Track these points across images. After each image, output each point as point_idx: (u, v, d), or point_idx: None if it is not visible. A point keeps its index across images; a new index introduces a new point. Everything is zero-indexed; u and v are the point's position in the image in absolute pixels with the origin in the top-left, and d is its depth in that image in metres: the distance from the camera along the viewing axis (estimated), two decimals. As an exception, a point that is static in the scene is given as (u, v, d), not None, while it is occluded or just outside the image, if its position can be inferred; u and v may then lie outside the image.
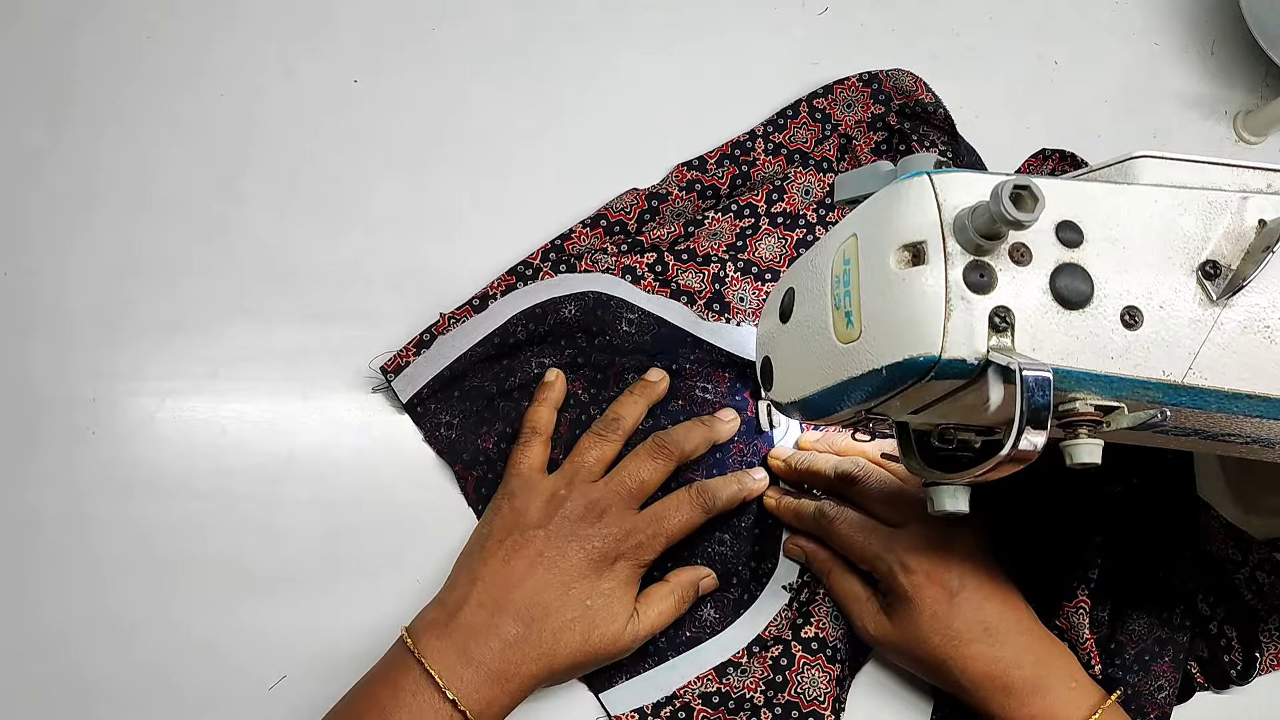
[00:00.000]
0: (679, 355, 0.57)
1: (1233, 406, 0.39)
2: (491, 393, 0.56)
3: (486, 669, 0.47)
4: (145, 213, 0.59)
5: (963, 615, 0.50)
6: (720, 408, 0.57)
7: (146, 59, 0.61)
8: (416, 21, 0.64)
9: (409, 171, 0.61)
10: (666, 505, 0.53)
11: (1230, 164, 0.41)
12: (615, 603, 0.50)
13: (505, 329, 0.56)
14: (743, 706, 0.54)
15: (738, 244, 0.60)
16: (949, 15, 0.68)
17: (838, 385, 0.41)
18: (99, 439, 0.55)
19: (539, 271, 0.57)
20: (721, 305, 0.59)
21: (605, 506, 0.51)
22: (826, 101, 0.62)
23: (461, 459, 0.56)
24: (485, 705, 0.47)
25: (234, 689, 0.52)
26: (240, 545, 0.54)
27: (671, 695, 0.54)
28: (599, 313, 0.57)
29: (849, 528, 0.53)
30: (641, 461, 0.53)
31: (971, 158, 0.63)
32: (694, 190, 0.60)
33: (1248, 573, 0.58)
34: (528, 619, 0.48)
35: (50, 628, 0.53)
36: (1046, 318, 0.37)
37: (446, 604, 0.49)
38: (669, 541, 0.52)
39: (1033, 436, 0.35)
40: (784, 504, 0.56)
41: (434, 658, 0.47)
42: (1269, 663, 0.58)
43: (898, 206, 0.38)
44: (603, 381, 0.57)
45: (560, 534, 0.50)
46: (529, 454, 0.54)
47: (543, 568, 0.49)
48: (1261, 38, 0.65)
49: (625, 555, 0.51)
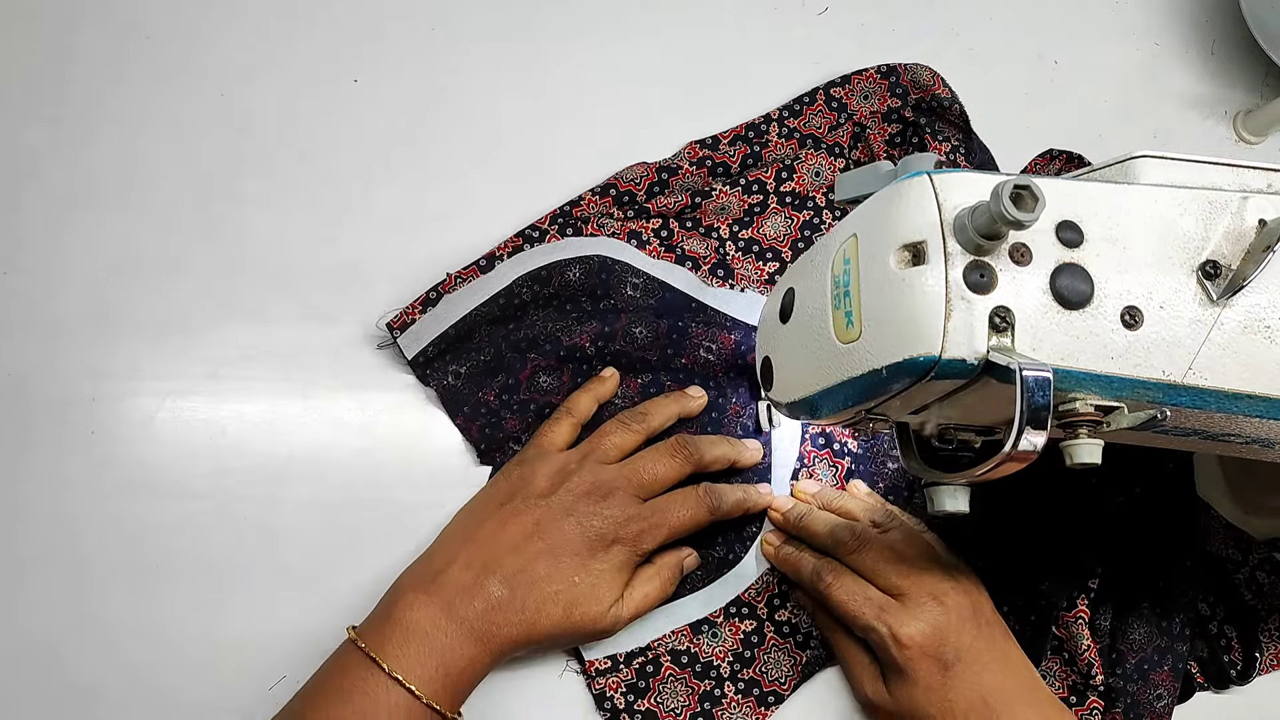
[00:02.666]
0: (683, 318, 0.58)
1: (1233, 406, 0.39)
2: (498, 343, 0.57)
3: (469, 627, 0.47)
4: (145, 212, 0.59)
5: (958, 688, 0.49)
6: (723, 370, 0.57)
7: (146, 59, 0.61)
8: (416, 21, 0.64)
9: (409, 171, 0.61)
10: (673, 499, 0.53)
11: (1230, 164, 0.41)
12: (603, 584, 0.50)
13: (510, 290, 0.56)
14: (708, 674, 0.54)
15: (744, 219, 0.61)
16: (949, 15, 0.68)
17: (838, 385, 0.41)
18: (98, 439, 0.55)
19: (545, 234, 0.58)
20: (726, 271, 0.60)
21: (612, 489, 0.51)
22: (844, 91, 0.63)
23: (463, 411, 0.56)
24: (468, 662, 0.47)
25: (234, 689, 0.52)
26: (240, 545, 0.54)
27: (646, 646, 0.54)
28: (603, 276, 0.57)
29: (844, 594, 0.52)
30: (660, 456, 0.53)
31: (984, 155, 0.63)
32: (704, 166, 0.61)
33: (1248, 573, 0.58)
34: (514, 584, 0.48)
35: (49, 628, 0.53)
36: (1046, 318, 0.37)
37: (434, 561, 0.50)
38: (670, 535, 0.52)
39: (1033, 436, 0.35)
40: (783, 555, 0.55)
41: (420, 612, 0.47)
42: (1269, 663, 0.58)
43: (898, 206, 0.38)
44: (610, 335, 0.57)
45: (561, 506, 0.50)
46: (556, 430, 0.54)
47: (538, 537, 0.50)
48: (1261, 38, 0.65)
49: (623, 540, 0.51)
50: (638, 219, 0.60)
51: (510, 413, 0.56)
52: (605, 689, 0.53)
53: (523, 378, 0.56)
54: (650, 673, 0.54)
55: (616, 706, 0.53)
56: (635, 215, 0.60)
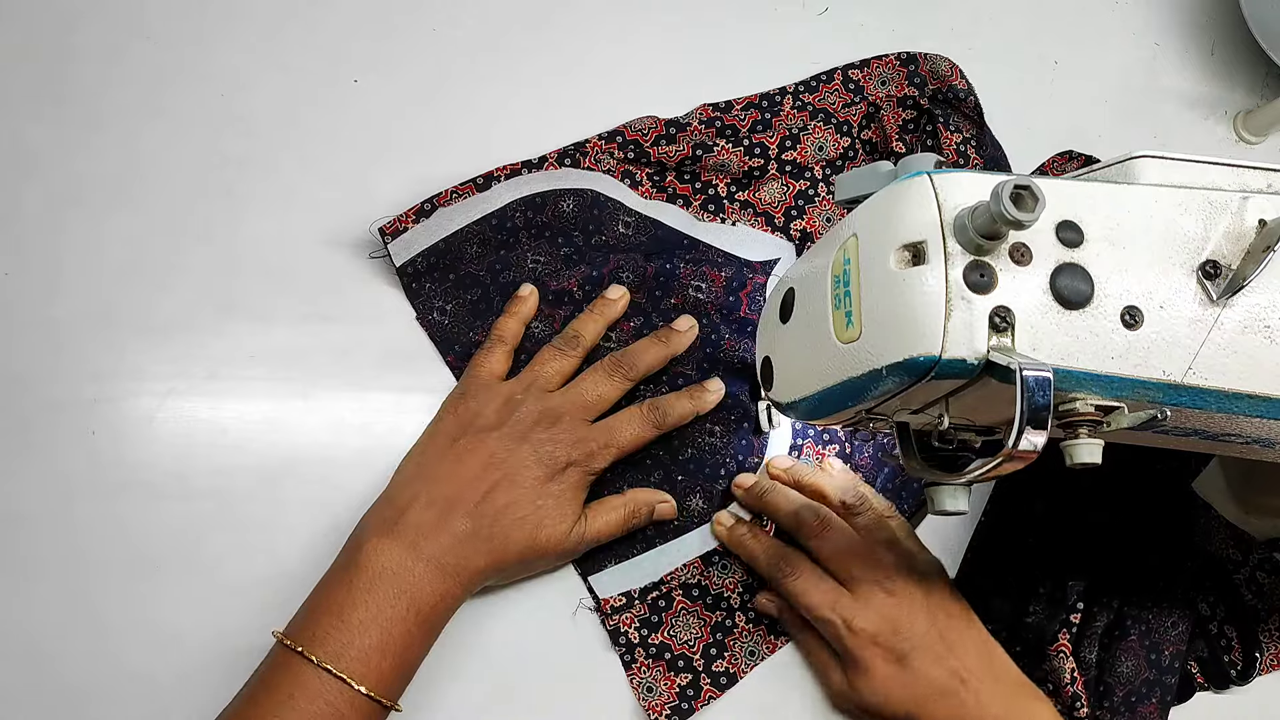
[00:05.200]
0: (674, 256, 0.58)
1: (1233, 406, 0.39)
2: (486, 283, 0.57)
3: (437, 563, 0.48)
4: (145, 212, 0.59)
5: (918, 674, 0.49)
6: (714, 307, 0.58)
7: (146, 59, 0.61)
8: (416, 21, 0.64)
9: (409, 171, 0.61)
10: (619, 419, 0.54)
11: (1230, 164, 0.41)
12: (565, 504, 0.51)
13: (504, 212, 0.57)
14: (719, 605, 0.56)
15: (742, 180, 0.61)
16: (949, 15, 0.68)
17: (838, 385, 0.41)
18: (99, 439, 0.55)
19: (545, 161, 0.59)
20: (717, 206, 0.61)
21: (560, 415, 0.52)
22: (862, 74, 0.64)
23: (454, 349, 0.57)
24: (439, 598, 0.48)
25: (234, 689, 0.52)
26: (241, 545, 0.54)
27: (659, 581, 0.55)
28: (595, 211, 0.58)
29: (799, 585, 0.52)
30: (599, 377, 0.54)
31: (996, 151, 0.64)
32: (713, 127, 0.61)
33: (1248, 573, 0.58)
34: (477, 516, 0.49)
35: (49, 628, 0.52)
36: (1046, 318, 0.37)
37: (395, 502, 0.50)
38: (620, 453, 0.53)
39: (1033, 436, 0.35)
40: (735, 537, 0.55)
41: (385, 556, 0.48)
42: (1269, 663, 0.58)
43: (898, 206, 0.38)
44: (598, 279, 0.58)
45: (513, 436, 0.51)
46: (491, 359, 0.55)
47: (495, 468, 0.50)
48: (1262, 38, 0.65)
49: (576, 462, 0.52)
50: (636, 163, 0.60)
51: None
52: (619, 625, 0.55)
53: None
54: (663, 607, 0.55)
55: (631, 641, 0.55)
56: (635, 159, 0.60)
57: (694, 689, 0.54)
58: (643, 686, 0.54)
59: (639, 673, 0.54)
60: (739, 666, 0.55)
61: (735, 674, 0.55)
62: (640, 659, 0.54)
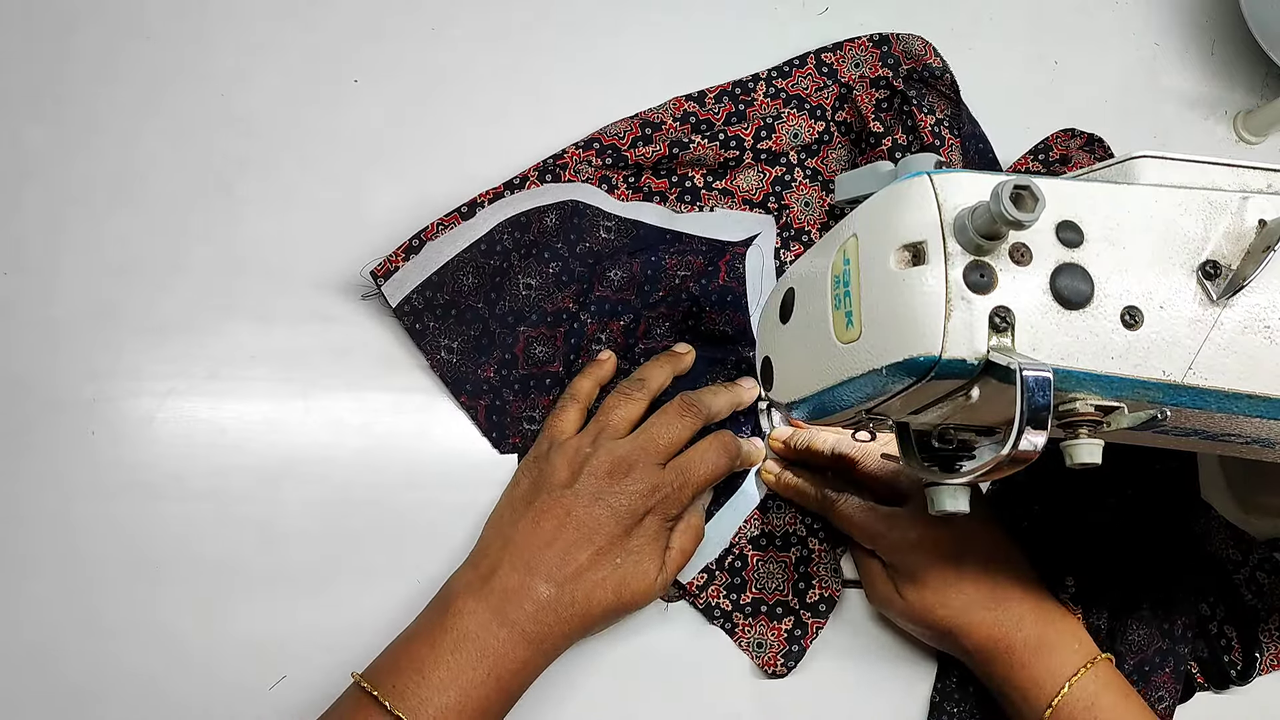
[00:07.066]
0: (656, 252, 0.59)
1: (1233, 406, 0.39)
2: (485, 317, 0.57)
3: (521, 630, 0.47)
4: (145, 212, 0.59)
5: (964, 587, 0.51)
6: (693, 280, 0.59)
7: (146, 59, 0.61)
8: (416, 21, 0.64)
9: (409, 171, 0.61)
10: (692, 457, 0.53)
11: (1230, 164, 0.41)
12: (645, 558, 0.51)
13: (491, 237, 0.57)
14: (790, 543, 0.57)
15: (719, 170, 0.62)
16: (949, 15, 0.68)
17: (838, 385, 0.41)
18: (99, 439, 0.55)
19: (526, 181, 0.59)
20: (693, 195, 0.61)
21: (632, 463, 0.51)
22: (835, 57, 0.64)
23: (465, 389, 0.57)
24: (520, 665, 0.47)
25: (234, 689, 0.52)
26: (240, 546, 0.54)
27: (730, 546, 0.57)
28: (575, 220, 0.59)
29: (850, 509, 0.54)
30: (670, 419, 0.53)
31: (973, 127, 0.64)
32: (688, 122, 0.62)
33: (1248, 573, 0.58)
34: (559, 580, 0.48)
35: (49, 628, 0.52)
36: (1046, 318, 0.37)
37: (479, 567, 0.50)
38: (696, 492, 0.52)
39: (1033, 436, 0.35)
40: (784, 480, 0.57)
41: (471, 619, 0.47)
42: (1269, 663, 0.58)
43: (898, 206, 0.38)
44: (588, 289, 0.58)
45: (587, 492, 0.50)
46: (563, 418, 0.55)
47: (571, 527, 0.49)
48: (1261, 38, 0.65)
49: (653, 510, 0.51)
50: (613, 168, 0.61)
51: (511, 393, 0.57)
52: (709, 599, 0.56)
53: (519, 351, 0.57)
54: (739, 567, 0.56)
55: (725, 609, 0.56)
56: (612, 164, 0.60)
57: (800, 628, 0.55)
58: (752, 645, 0.55)
59: (744, 633, 0.55)
60: (831, 588, 0.56)
61: (831, 596, 0.56)
62: (740, 622, 0.56)
